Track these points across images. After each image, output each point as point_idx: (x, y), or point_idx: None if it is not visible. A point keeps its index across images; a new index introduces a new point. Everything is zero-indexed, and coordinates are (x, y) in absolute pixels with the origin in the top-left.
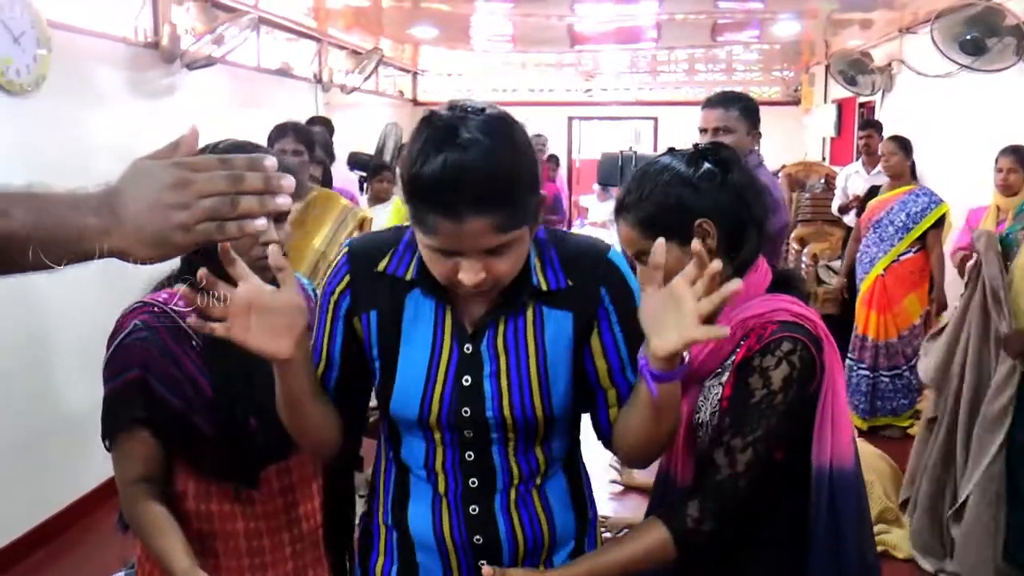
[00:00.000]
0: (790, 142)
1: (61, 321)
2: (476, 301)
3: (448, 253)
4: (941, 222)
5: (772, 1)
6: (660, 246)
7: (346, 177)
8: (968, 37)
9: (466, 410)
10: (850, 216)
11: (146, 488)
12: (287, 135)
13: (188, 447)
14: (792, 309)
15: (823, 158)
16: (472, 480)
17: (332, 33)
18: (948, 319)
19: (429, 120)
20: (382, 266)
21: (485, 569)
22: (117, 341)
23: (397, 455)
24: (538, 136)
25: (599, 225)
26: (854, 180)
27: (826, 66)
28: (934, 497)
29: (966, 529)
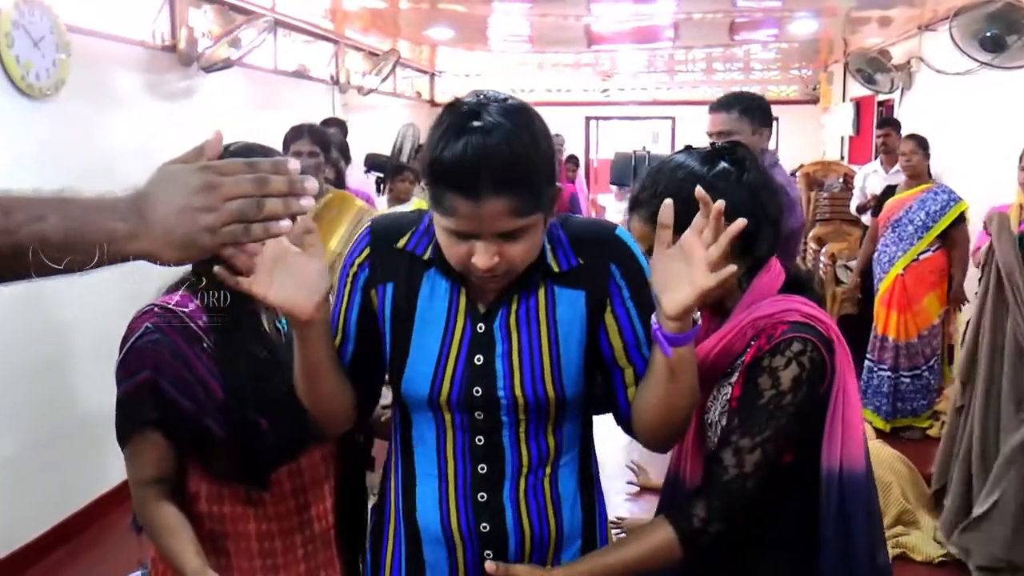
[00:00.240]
0: (808, 141)
1: (79, 323)
2: (489, 288)
3: (464, 236)
4: (961, 219)
5: None
6: (667, 206)
7: (361, 179)
8: (988, 34)
9: (477, 389)
10: (868, 216)
11: (158, 489)
12: (303, 137)
13: (199, 449)
14: (803, 310)
15: (841, 157)
16: (481, 466)
17: (349, 35)
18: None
19: (452, 106)
20: (402, 243)
21: (488, 565)
22: (129, 344)
23: (407, 440)
24: (556, 136)
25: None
26: (872, 179)
27: (844, 64)
28: (966, 485)
29: (999, 516)
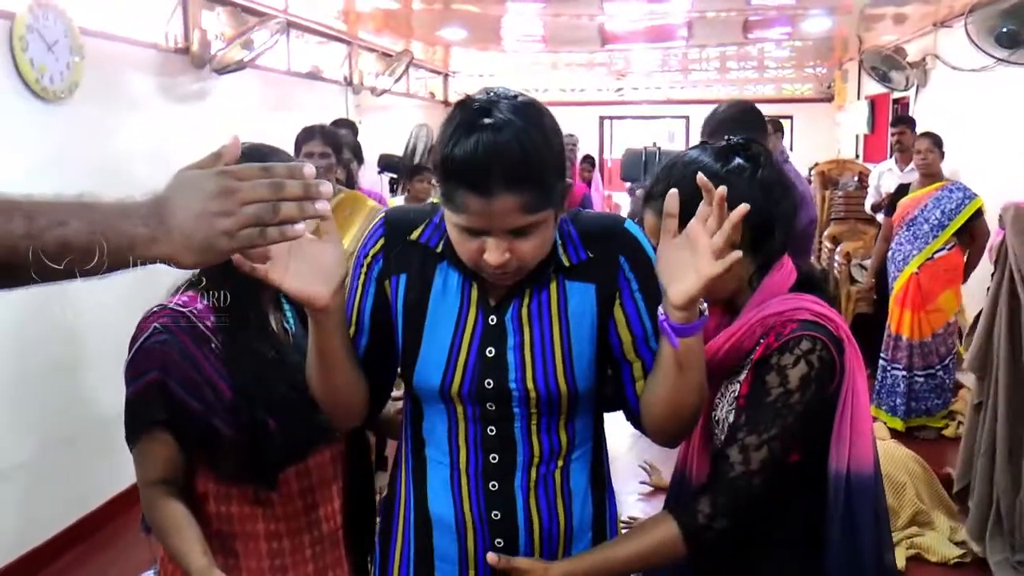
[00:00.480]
0: (823, 139)
1: (93, 325)
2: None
3: (475, 233)
4: (979, 214)
5: None
6: (673, 195)
7: (373, 179)
8: (1004, 30)
9: (489, 382)
10: (881, 214)
11: (166, 489)
12: (314, 138)
13: (208, 449)
14: (813, 308)
15: (856, 155)
16: (493, 456)
17: (362, 36)
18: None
19: (464, 103)
20: (415, 235)
21: (490, 556)
22: (138, 344)
23: (418, 432)
24: (570, 136)
25: None
26: (887, 178)
27: (859, 62)
28: (989, 483)
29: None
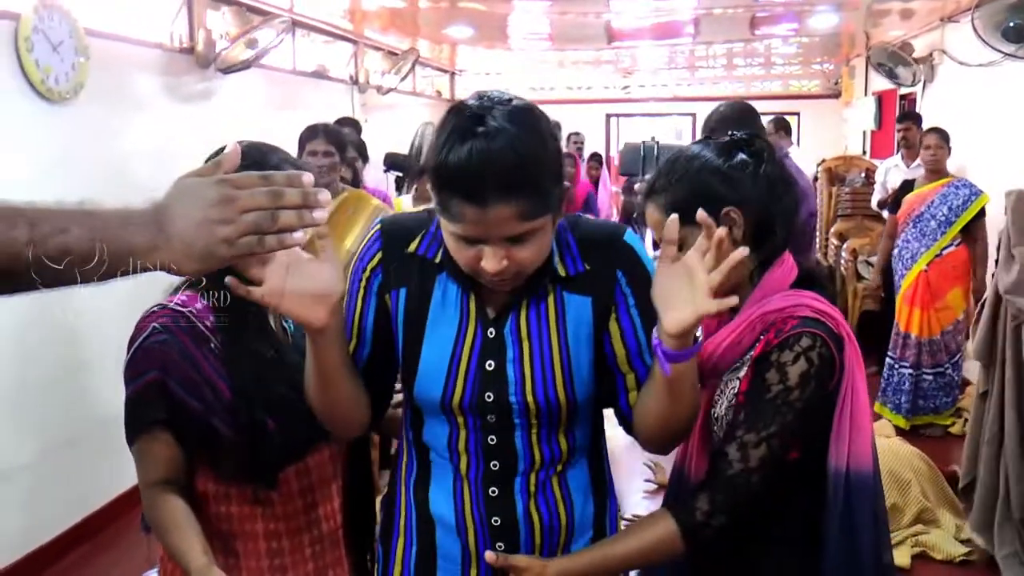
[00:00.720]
0: (830, 136)
1: (96, 326)
2: (499, 291)
3: (472, 241)
4: (983, 213)
5: None
6: (673, 221)
7: (379, 178)
8: (1011, 24)
9: (489, 395)
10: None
11: (167, 489)
12: (318, 136)
13: (207, 449)
14: (814, 305)
15: (864, 152)
16: (493, 463)
17: (368, 34)
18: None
19: (456, 110)
20: (413, 247)
21: (489, 555)
22: (137, 344)
23: (419, 438)
24: (576, 134)
25: None
26: (894, 174)
27: (866, 58)
28: (995, 474)
29: None
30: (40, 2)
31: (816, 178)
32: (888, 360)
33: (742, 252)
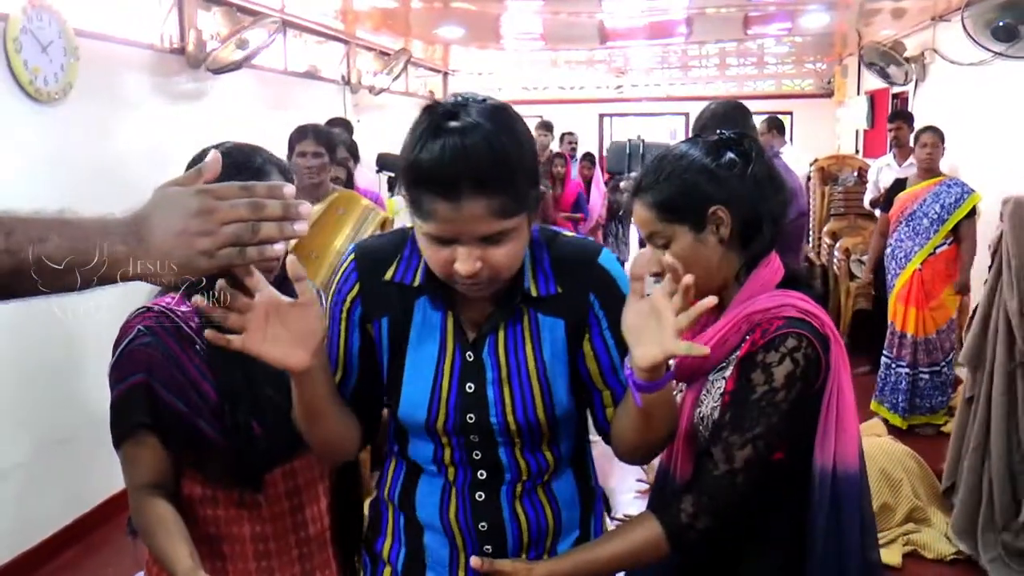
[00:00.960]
0: (823, 135)
1: (87, 328)
2: (475, 303)
3: (445, 241)
4: (974, 212)
5: None
6: (642, 256)
7: (371, 179)
8: (1001, 24)
9: (471, 416)
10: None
11: (154, 492)
12: (307, 137)
13: (193, 451)
14: (799, 305)
15: (856, 151)
16: (481, 472)
17: (360, 35)
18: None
19: (430, 108)
20: (389, 275)
21: (474, 560)
22: (122, 346)
23: (404, 452)
24: (570, 134)
25: None
26: (886, 173)
27: (859, 57)
28: (977, 477)
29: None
30: (29, 2)
31: (809, 177)
32: (884, 359)
33: (710, 301)
